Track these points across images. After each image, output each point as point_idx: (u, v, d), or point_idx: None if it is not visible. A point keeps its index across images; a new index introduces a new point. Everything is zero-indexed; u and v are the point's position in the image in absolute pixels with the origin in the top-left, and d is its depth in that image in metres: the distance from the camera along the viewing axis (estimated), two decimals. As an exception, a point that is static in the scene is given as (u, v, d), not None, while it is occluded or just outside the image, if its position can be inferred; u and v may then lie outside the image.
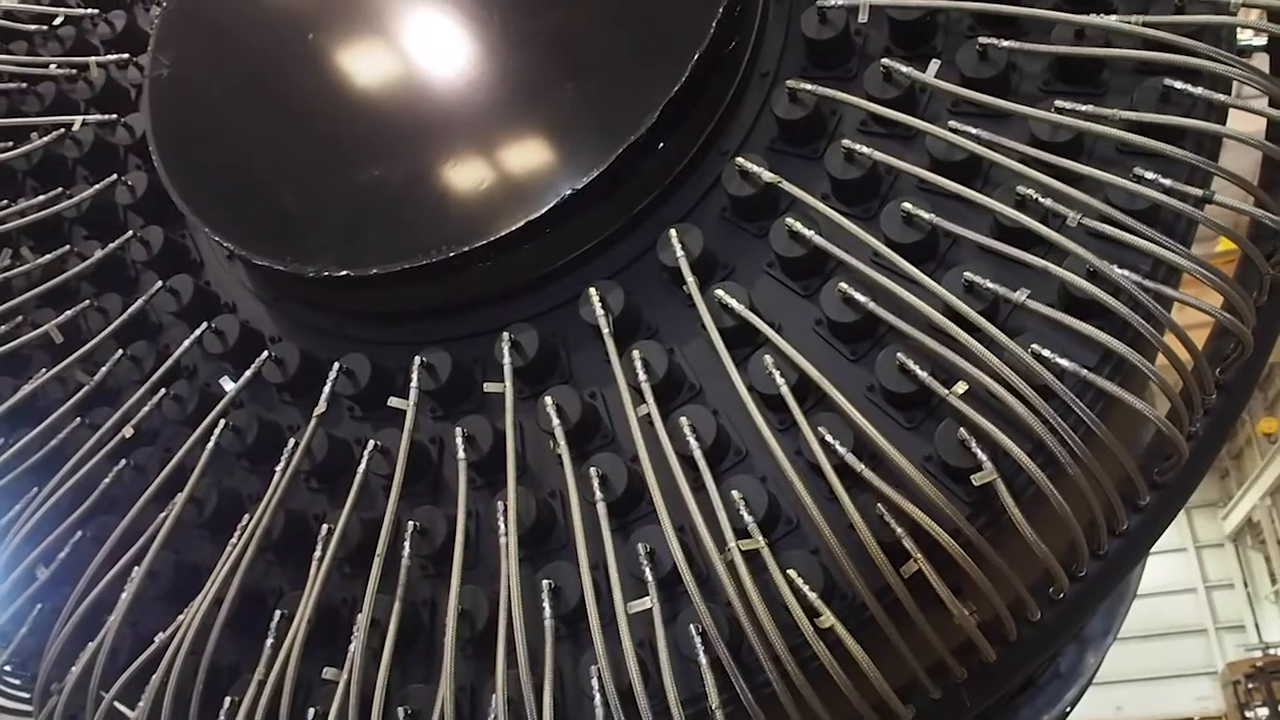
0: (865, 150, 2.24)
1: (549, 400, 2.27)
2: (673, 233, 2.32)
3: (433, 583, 2.36)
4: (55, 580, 2.54)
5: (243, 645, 2.36)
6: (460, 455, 2.29)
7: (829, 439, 2.05)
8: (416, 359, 2.41)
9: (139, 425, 2.64)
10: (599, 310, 2.29)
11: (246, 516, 2.42)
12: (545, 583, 2.14)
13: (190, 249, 2.97)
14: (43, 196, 3.04)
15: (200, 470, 2.47)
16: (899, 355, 2.09)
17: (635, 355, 2.23)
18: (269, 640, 2.26)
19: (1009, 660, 2.07)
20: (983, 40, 2.25)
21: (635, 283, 2.39)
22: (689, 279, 2.26)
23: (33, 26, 3.34)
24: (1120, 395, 1.95)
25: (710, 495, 2.04)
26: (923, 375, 2.05)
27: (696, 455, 2.10)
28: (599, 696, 1.99)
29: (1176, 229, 2.09)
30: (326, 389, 2.46)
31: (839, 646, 1.91)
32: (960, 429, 2.01)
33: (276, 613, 2.30)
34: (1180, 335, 1.99)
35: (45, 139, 3.08)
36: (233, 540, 2.39)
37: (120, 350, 2.78)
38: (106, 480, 2.59)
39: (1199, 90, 2.09)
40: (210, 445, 2.50)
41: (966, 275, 2.10)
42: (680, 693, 1.94)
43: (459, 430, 2.32)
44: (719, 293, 2.24)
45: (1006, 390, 1.95)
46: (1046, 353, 1.99)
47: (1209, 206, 2.08)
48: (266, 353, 2.59)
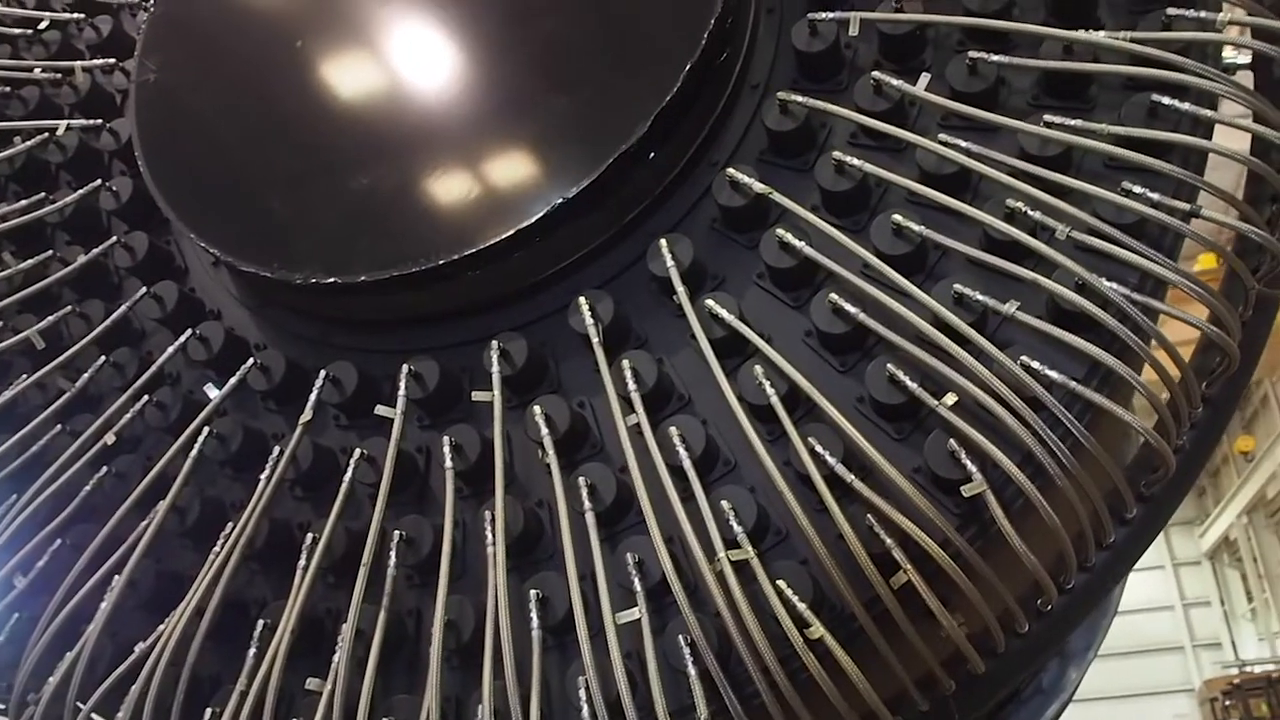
0: (856, 162, 2.25)
1: (538, 409, 2.26)
2: (663, 243, 2.32)
3: (418, 593, 2.34)
4: (33, 589, 2.50)
5: (224, 655, 2.33)
6: (447, 464, 2.27)
7: (819, 449, 2.04)
8: (404, 367, 2.39)
9: (121, 432, 2.61)
10: (589, 320, 2.28)
11: (230, 525, 2.39)
12: (532, 593, 2.12)
13: (175, 255, 2.95)
14: (25, 201, 3.01)
15: (183, 478, 2.45)
16: (889, 366, 2.09)
17: (625, 365, 2.23)
18: (252, 650, 2.23)
19: (997, 672, 2.07)
20: (972, 54, 2.27)
21: (625, 293, 2.38)
22: (679, 289, 2.25)
23: (17, 30, 3.31)
24: (1109, 408, 1.96)
25: (700, 505, 2.03)
26: (912, 386, 2.05)
27: (686, 465, 2.09)
28: (586, 708, 1.98)
29: (1163, 243, 2.11)
30: (312, 396, 2.45)
31: (828, 657, 1.91)
32: (950, 440, 2.01)
33: (259, 622, 2.27)
34: (1168, 349, 2.00)
35: (29, 143, 3.05)
36: (215, 549, 2.36)
37: (102, 357, 2.75)
38: (87, 488, 2.55)
39: (1186, 106, 2.12)
40: (194, 453, 2.47)
41: (956, 287, 2.11)
42: (669, 704, 1.92)
43: (446, 439, 2.30)
44: (709, 303, 2.24)
45: (997, 402, 1.95)
46: (1036, 365, 2.00)
47: (1195, 221, 2.10)
48: (252, 360, 2.57)
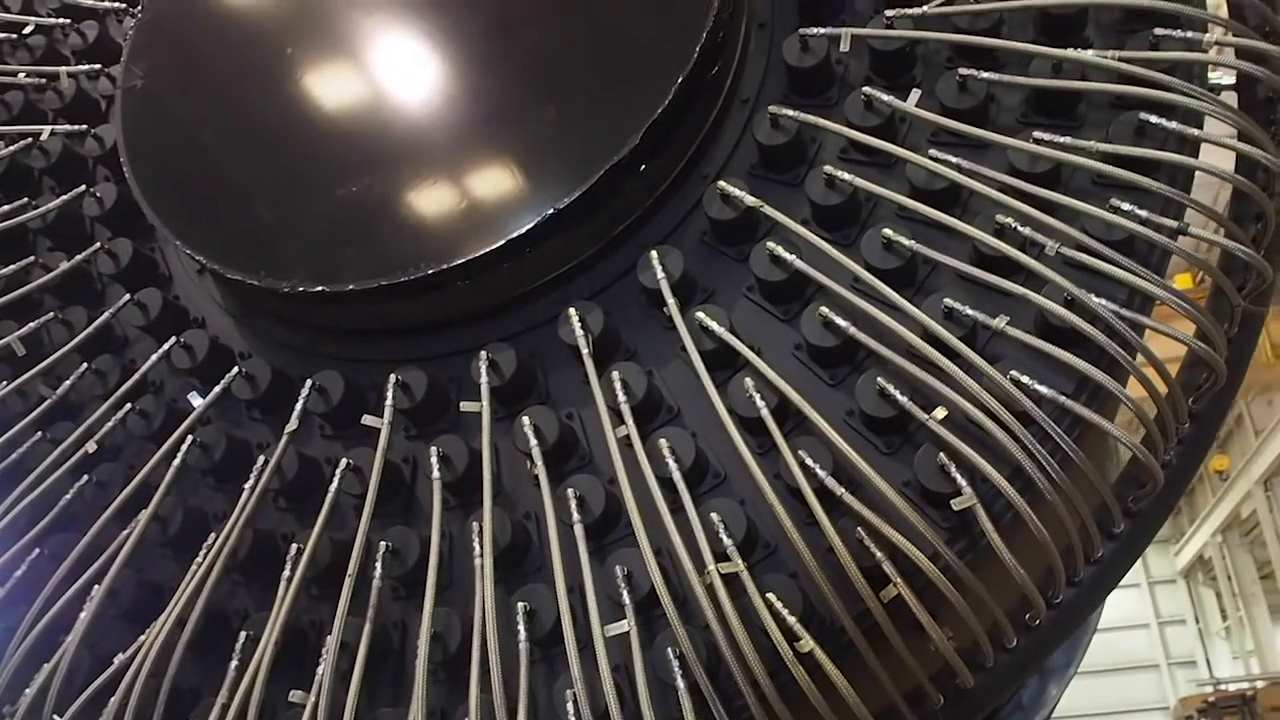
0: (847, 177, 2.26)
1: (526, 421, 2.24)
2: (654, 254, 2.32)
3: (403, 605, 2.32)
4: (10, 599, 2.46)
5: (205, 667, 2.30)
6: (435, 475, 2.26)
7: (809, 462, 2.04)
8: (392, 377, 2.38)
9: (102, 440, 2.58)
10: (578, 331, 2.27)
11: (212, 535, 2.36)
12: (520, 605, 2.11)
13: (159, 263, 2.93)
14: (7, 206, 2.98)
15: (165, 487, 2.42)
16: (879, 380, 2.09)
17: (615, 376, 2.22)
18: (234, 662, 2.20)
19: (985, 686, 2.07)
20: (963, 71, 2.29)
21: (614, 304, 2.38)
22: (670, 301, 2.25)
23: (1, 35, 3.28)
24: (1099, 423, 1.97)
25: (690, 518, 2.02)
26: (903, 400, 2.06)
27: (676, 477, 2.09)
28: (574, 721, 1.96)
29: (1151, 260, 2.13)
30: (299, 406, 2.42)
31: (818, 671, 1.90)
32: (940, 454, 2.01)
33: (242, 634, 2.24)
34: (1156, 364, 2.01)
35: (11, 148, 3.02)
36: (198, 559, 2.33)
37: (84, 364, 2.72)
38: (67, 496, 2.52)
39: (1173, 125, 2.14)
40: (176, 461, 2.45)
41: (946, 302, 2.11)
42: (657, 717, 1.91)
43: (434, 450, 2.29)
44: (699, 315, 2.24)
45: (987, 416, 1.96)
46: (1026, 379, 2.01)
47: (1182, 238, 2.11)
48: (237, 368, 2.54)
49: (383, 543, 2.25)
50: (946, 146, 2.27)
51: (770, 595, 1.96)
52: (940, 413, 2.03)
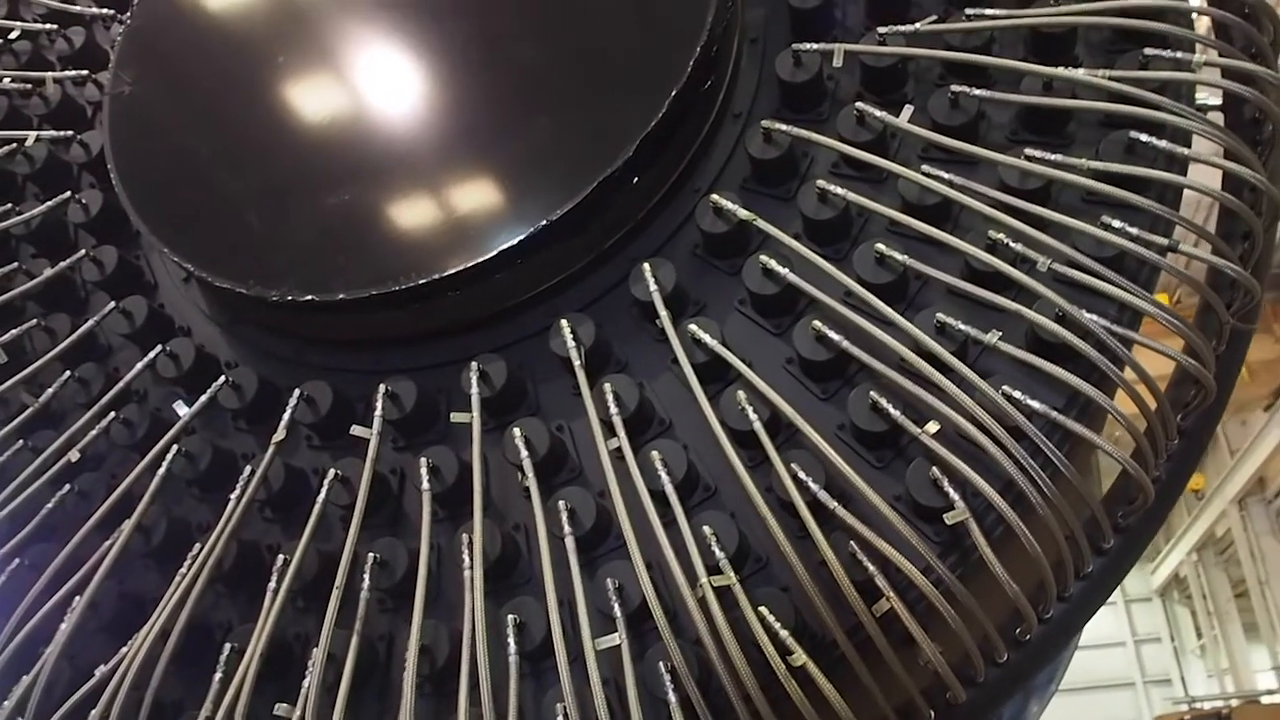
0: (840, 191, 2.27)
1: (517, 432, 2.23)
2: (646, 267, 2.31)
3: (390, 617, 2.30)
4: (-11, 610, 2.42)
5: (188, 680, 2.27)
6: (424, 486, 2.24)
7: (801, 476, 2.04)
8: (381, 387, 2.36)
9: (85, 450, 2.55)
10: (570, 342, 2.27)
11: (197, 546, 2.33)
12: (510, 618, 2.09)
13: (144, 270, 2.90)
14: (-10, 212, 2.95)
15: (149, 496, 2.39)
16: (871, 394, 2.10)
17: (607, 388, 2.21)
18: (218, 675, 2.17)
19: (976, 702, 2.07)
20: (955, 88, 2.30)
21: (605, 316, 2.37)
22: (662, 312, 2.25)
23: (-14, 40, 3.26)
24: (1091, 439, 1.97)
25: (681, 531, 2.01)
26: (895, 414, 2.06)
27: (668, 490, 2.08)
28: (564, 735, 1.94)
29: (1140, 277, 2.14)
30: (286, 415, 2.40)
31: (810, 686, 1.89)
32: (932, 468, 2.01)
33: (226, 646, 2.21)
34: (1146, 380, 2.03)
35: (-4, 153, 2.99)
36: (182, 570, 2.30)
37: (67, 372, 2.69)
38: (48, 506, 2.49)
39: (1163, 143, 2.16)
40: (161, 471, 2.42)
41: (939, 316, 2.12)
42: (648, 732, 1.90)
43: (423, 461, 2.27)
44: (692, 328, 2.23)
45: (980, 431, 1.96)
46: (1017, 394, 2.01)
47: (1171, 255, 2.13)
48: (224, 377, 2.52)
49: (370, 554, 2.23)
50: (937, 163, 2.29)
51: (762, 609, 1.95)
52: (933, 427, 2.04)
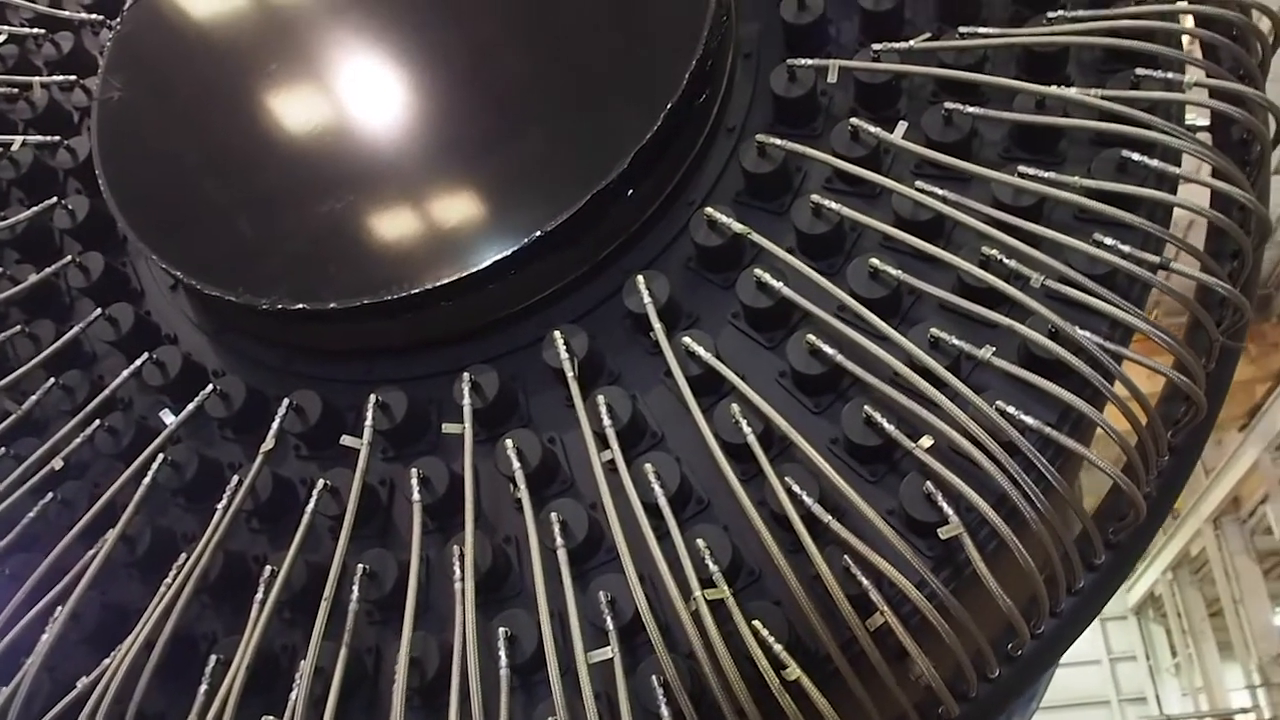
0: (834, 206, 2.28)
1: (510, 443, 2.22)
2: (640, 279, 2.31)
3: (378, 629, 2.27)
4: (-33, 621, 2.38)
5: (172, 692, 2.23)
6: (415, 497, 2.22)
7: (796, 490, 2.04)
8: (372, 397, 2.34)
9: (68, 458, 2.51)
10: (564, 354, 2.26)
11: (183, 556, 2.30)
12: (501, 631, 2.07)
13: (130, 277, 2.87)
14: (-25, 218, 2.92)
15: (134, 506, 2.36)
16: (865, 408, 2.10)
17: (600, 400, 2.21)
18: (203, 687, 2.14)
19: (968, 716, 2.06)
20: (948, 105, 2.32)
21: (597, 328, 2.37)
22: (656, 325, 2.25)
23: (-27, 45, 3.23)
24: (1084, 454, 1.98)
25: (675, 544, 2.00)
26: (889, 429, 2.06)
27: (661, 503, 2.07)
28: (555, 750, 1.92)
29: (1131, 294, 2.16)
30: (275, 425, 2.38)
31: (804, 700, 1.88)
32: (926, 483, 2.02)
33: (212, 658, 2.18)
34: (1138, 396, 2.04)
35: (-20, 158, 2.96)
36: (167, 580, 2.27)
37: (51, 379, 2.66)
38: (30, 515, 2.45)
39: (1154, 162, 2.18)
40: (146, 480, 2.39)
41: (933, 331, 2.13)
42: (641, 746, 1.88)
43: (414, 472, 2.25)
44: (686, 340, 2.23)
45: (974, 446, 1.96)
46: (1011, 409, 2.02)
47: (1162, 272, 2.15)
48: (211, 386, 2.50)
49: (360, 565, 2.20)
50: (931, 179, 2.30)
51: (756, 622, 1.95)
52: (927, 441, 2.04)
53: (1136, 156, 2.19)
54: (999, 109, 2.33)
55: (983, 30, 2.37)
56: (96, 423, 2.55)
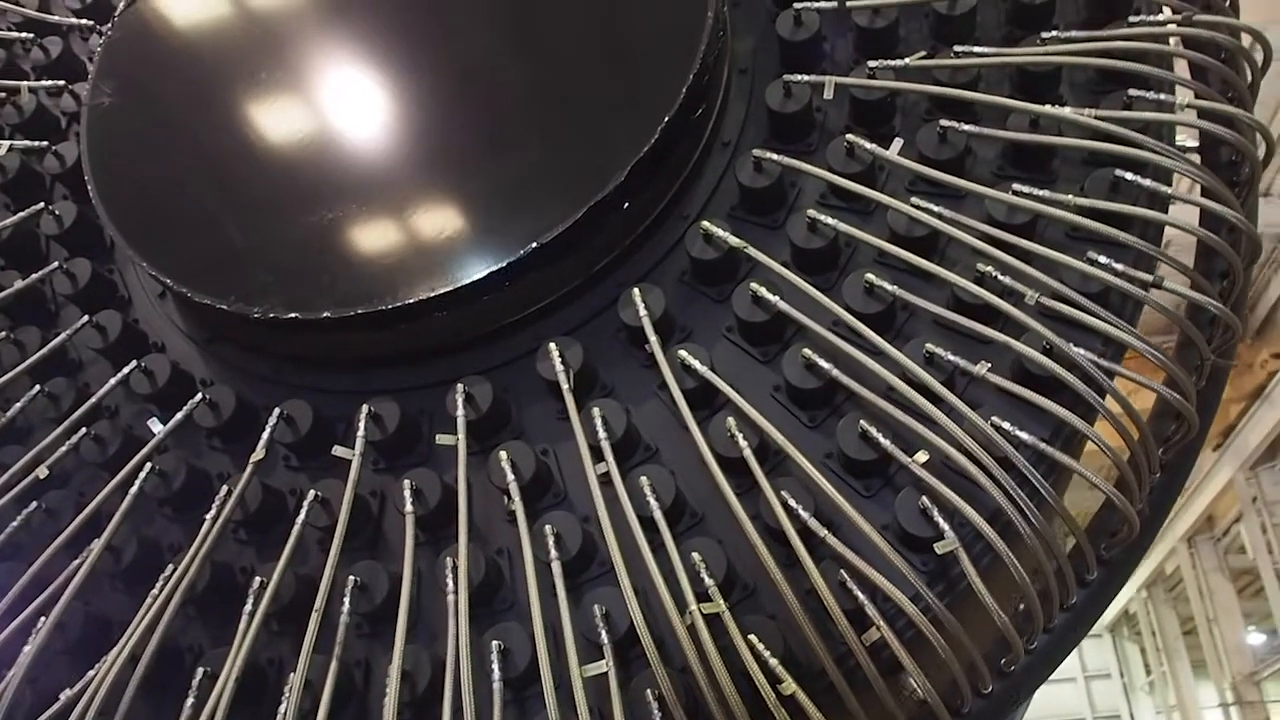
0: (830, 221, 2.28)
1: (503, 455, 2.21)
2: (635, 292, 2.31)
3: (367, 642, 2.25)
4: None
5: (157, 705, 2.20)
6: (408, 509, 2.20)
7: (791, 503, 2.03)
8: (364, 408, 2.33)
9: (53, 466, 2.48)
10: (559, 366, 2.25)
11: (170, 567, 2.27)
12: (494, 644, 2.05)
13: (118, 285, 2.84)
14: (-41, 223, 2.88)
15: (120, 515, 2.32)
16: (861, 423, 2.10)
17: (595, 413, 2.20)
18: (189, 700, 2.11)
19: (961, 732, 2.07)
20: (944, 123, 2.33)
21: (592, 341, 2.36)
22: (651, 338, 2.24)
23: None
24: (1078, 470, 1.99)
25: (670, 557, 1.99)
26: (885, 443, 2.06)
27: (657, 516, 2.06)
28: (549, 764, 1.90)
29: (1123, 312, 2.17)
30: (265, 435, 2.36)
31: (799, 714, 1.87)
32: (921, 497, 2.02)
33: (199, 670, 2.15)
34: (1131, 414, 2.05)
35: (-35, 164, 2.93)
36: (154, 591, 2.24)
37: (36, 386, 2.62)
38: (14, 524, 2.41)
39: (1147, 182, 2.20)
40: (133, 490, 2.36)
41: (928, 347, 2.13)
42: (635, 761, 1.87)
43: (406, 483, 2.24)
44: (681, 353, 2.23)
45: (969, 461, 1.97)
46: (1006, 425, 2.03)
47: (1154, 291, 2.16)
48: (200, 395, 2.47)
49: (351, 577, 2.18)
50: (925, 196, 2.31)
51: (751, 637, 1.94)
52: (922, 456, 2.04)
53: (1129, 176, 2.22)
54: (993, 127, 2.35)
55: (977, 49, 2.39)
56: (82, 431, 2.51)
